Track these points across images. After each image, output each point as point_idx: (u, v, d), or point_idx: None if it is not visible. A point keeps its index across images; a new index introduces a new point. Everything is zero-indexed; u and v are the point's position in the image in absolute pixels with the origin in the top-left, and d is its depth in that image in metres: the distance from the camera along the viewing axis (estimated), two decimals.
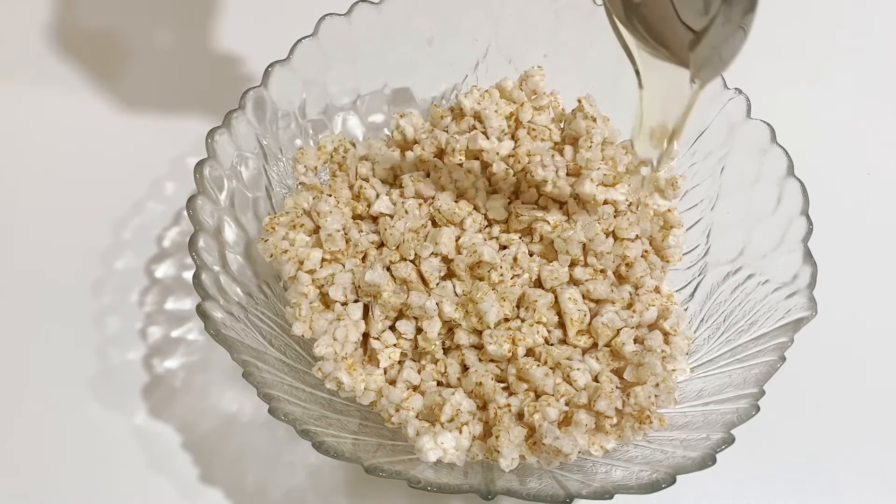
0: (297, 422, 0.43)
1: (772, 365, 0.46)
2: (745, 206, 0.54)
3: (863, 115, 0.71)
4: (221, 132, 0.51)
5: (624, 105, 0.59)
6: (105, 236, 0.61)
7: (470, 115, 0.59)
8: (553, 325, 0.50)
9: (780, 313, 0.49)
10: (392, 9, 0.57)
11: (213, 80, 0.69)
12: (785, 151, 0.52)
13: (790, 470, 0.54)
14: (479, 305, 0.48)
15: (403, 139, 0.58)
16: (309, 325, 0.50)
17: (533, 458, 0.46)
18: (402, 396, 0.48)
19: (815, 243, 0.49)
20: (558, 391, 0.47)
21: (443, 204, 0.52)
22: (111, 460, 0.53)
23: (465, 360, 0.50)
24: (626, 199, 0.54)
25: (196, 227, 0.47)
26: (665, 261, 0.54)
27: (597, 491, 0.41)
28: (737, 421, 0.44)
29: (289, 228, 0.52)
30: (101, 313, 0.58)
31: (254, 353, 0.46)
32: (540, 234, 0.52)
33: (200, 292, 0.45)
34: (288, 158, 0.57)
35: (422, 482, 0.42)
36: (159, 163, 0.65)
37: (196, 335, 0.57)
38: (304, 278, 0.51)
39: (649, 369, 0.47)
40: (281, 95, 0.55)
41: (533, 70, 0.60)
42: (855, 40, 0.76)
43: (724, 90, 0.55)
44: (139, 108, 0.68)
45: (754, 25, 0.37)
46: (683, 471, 0.41)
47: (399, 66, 0.61)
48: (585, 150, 0.55)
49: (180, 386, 0.56)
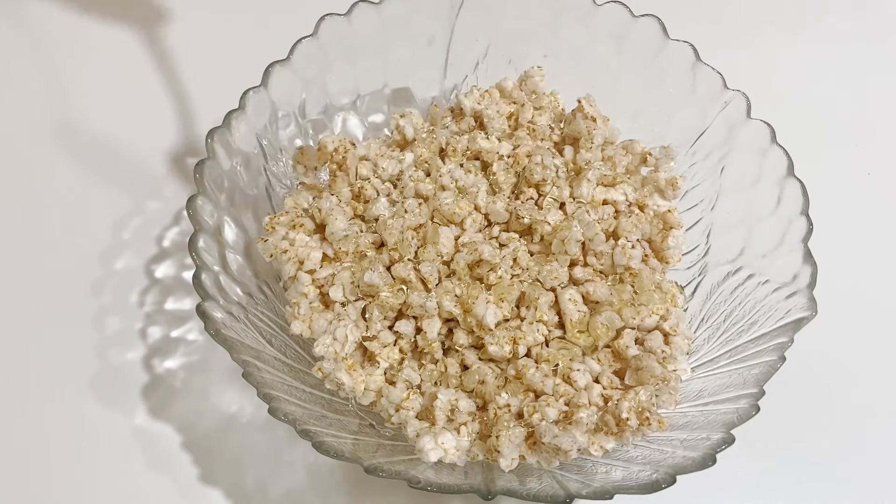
0: (297, 422, 0.43)
1: (772, 365, 0.46)
2: (745, 206, 0.54)
3: (863, 115, 0.71)
4: (222, 132, 0.51)
5: (624, 105, 0.60)
6: (105, 236, 0.61)
7: (470, 115, 0.59)
8: (553, 325, 0.50)
9: (780, 313, 0.49)
10: (392, 9, 0.57)
11: (213, 80, 0.69)
12: (785, 151, 0.52)
13: (790, 470, 0.54)
14: (474, 309, 0.48)
15: (403, 139, 0.58)
16: (308, 325, 0.50)
17: (533, 458, 0.46)
18: (402, 396, 0.48)
19: (815, 243, 0.49)
20: (557, 391, 0.47)
21: (443, 204, 0.52)
22: (111, 460, 0.53)
23: (465, 360, 0.50)
24: (626, 200, 0.54)
25: (196, 227, 0.47)
26: (664, 262, 0.54)
27: (597, 491, 0.41)
28: (737, 421, 0.44)
29: (289, 228, 0.52)
30: (101, 313, 0.58)
31: (253, 353, 0.46)
32: (540, 234, 0.52)
33: (200, 292, 0.45)
34: (288, 158, 0.57)
35: (422, 482, 0.42)
36: (159, 163, 0.65)
37: (196, 335, 0.57)
38: (304, 278, 0.51)
39: (649, 372, 0.47)
40: (281, 95, 0.55)
41: (533, 70, 0.60)
42: (855, 40, 0.76)
43: (724, 90, 0.55)
44: (140, 107, 0.68)
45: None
46: (683, 471, 0.41)
47: (399, 66, 0.61)
48: (585, 150, 0.55)
49: (180, 386, 0.56)
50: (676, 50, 0.57)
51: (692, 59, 0.56)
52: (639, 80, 0.59)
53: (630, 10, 0.58)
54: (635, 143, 0.57)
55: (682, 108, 0.58)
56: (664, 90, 0.58)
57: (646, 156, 0.57)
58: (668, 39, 0.57)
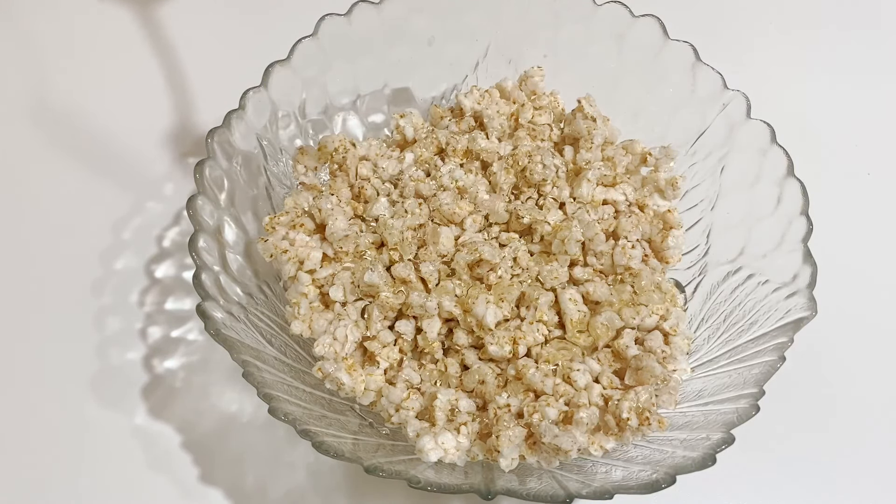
0: (297, 422, 0.43)
1: (772, 365, 0.46)
2: (745, 206, 0.54)
3: (863, 114, 0.71)
4: (222, 132, 0.51)
5: (624, 105, 0.60)
6: (105, 236, 0.61)
7: (470, 115, 0.59)
8: (553, 325, 0.50)
9: (779, 313, 0.49)
10: (392, 9, 0.57)
11: (213, 80, 0.69)
12: (785, 151, 0.52)
13: (790, 470, 0.54)
14: (474, 309, 0.48)
15: (403, 139, 0.58)
16: (308, 325, 0.50)
17: (533, 458, 0.46)
18: (402, 396, 0.48)
19: (815, 243, 0.49)
20: (557, 391, 0.47)
21: (443, 204, 0.52)
22: (111, 460, 0.53)
23: (465, 360, 0.50)
24: (626, 200, 0.54)
25: (196, 227, 0.47)
26: (664, 262, 0.54)
27: (597, 491, 0.41)
28: (737, 421, 0.44)
29: (289, 228, 0.52)
30: (101, 313, 0.58)
31: (254, 353, 0.46)
32: (540, 234, 0.52)
33: (200, 292, 0.45)
34: (288, 158, 0.57)
35: (422, 482, 0.42)
36: (159, 163, 0.65)
37: (196, 335, 0.57)
38: (304, 278, 0.51)
39: (649, 372, 0.47)
40: (281, 95, 0.55)
41: (533, 70, 0.60)
42: (856, 40, 0.76)
43: (724, 90, 0.55)
44: (139, 107, 0.68)
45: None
46: (683, 471, 0.41)
47: (399, 66, 0.61)
48: (585, 150, 0.55)
49: (180, 386, 0.56)
50: (676, 50, 0.57)
51: (692, 59, 0.56)
52: (639, 80, 0.59)
53: (630, 10, 0.58)
54: (635, 143, 0.57)
55: (682, 108, 0.58)
56: (664, 90, 0.58)
57: (646, 156, 0.57)
58: (668, 39, 0.57)
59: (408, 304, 0.49)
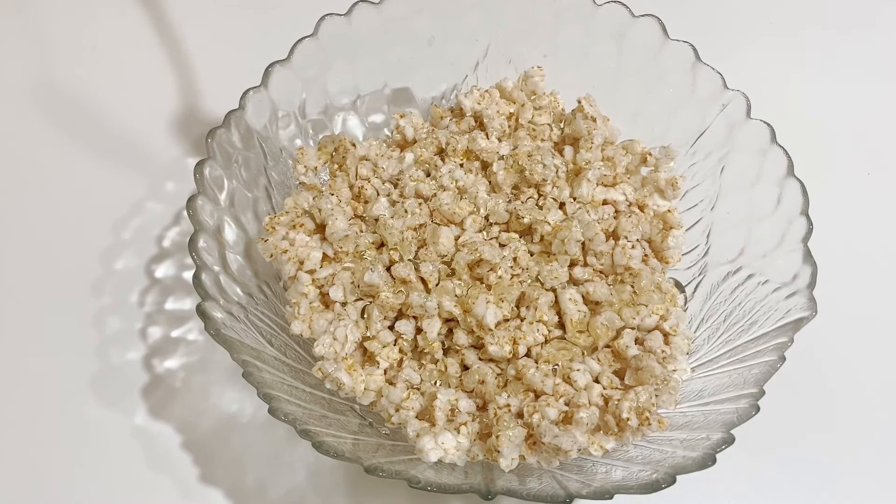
0: (297, 422, 0.43)
1: (772, 365, 0.46)
2: (745, 206, 0.54)
3: (863, 114, 0.71)
4: (221, 132, 0.51)
5: (624, 105, 0.60)
6: (105, 236, 0.61)
7: (470, 115, 0.59)
8: (553, 325, 0.50)
9: (779, 313, 0.49)
10: (392, 9, 0.57)
11: (213, 81, 0.69)
12: (785, 151, 0.52)
13: (790, 470, 0.54)
14: (474, 309, 0.48)
15: (403, 139, 0.58)
16: (308, 325, 0.50)
17: (533, 458, 0.46)
18: (402, 396, 0.48)
19: (815, 243, 0.49)
20: (557, 391, 0.47)
21: (443, 204, 0.52)
22: (111, 460, 0.53)
23: (465, 360, 0.50)
24: (626, 200, 0.54)
25: (196, 227, 0.47)
26: (664, 262, 0.54)
27: (597, 491, 0.41)
28: (737, 421, 0.44)
29: (289, 228, 0.52)
30: (101, 313, 0.58)
31: (253, 353, 0.46)
32: (540, 234, 0.52)
33: (200, 292, 0.45)
34: (288, 158, 0.57)
35: (422, 482, 0.42)
36: (159, 163, 0.65)
37: (196, 335, 0.57)
38: (304, 278, 0.51)
39: (649, 372, 0.47)
40: (281, 95, 0.55)
41: (533, 70, 0.60)
42: (856, 40, 0.76)
43: (724, 90, 0.55)
44: (139, 107, 0.68)
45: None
46: (683, 471, 0.41)
47: (399, 66, 0.61)
48: (585, 150, 0.55)
49: (180, 386, 0.56)
50: (676, 50, 0.57)
51: (692, 59, 0.56)
52: (639, 80, 0.59)
53: (630, 10, 0.58)
54: (635, 143, 0.57)
55: (682, 109, 0.58)
56: (664, 90, 0.58)
57: (646, 156, 0.57)
58: (667, 39, 0.57)
59: (408, 304, 0.49)
